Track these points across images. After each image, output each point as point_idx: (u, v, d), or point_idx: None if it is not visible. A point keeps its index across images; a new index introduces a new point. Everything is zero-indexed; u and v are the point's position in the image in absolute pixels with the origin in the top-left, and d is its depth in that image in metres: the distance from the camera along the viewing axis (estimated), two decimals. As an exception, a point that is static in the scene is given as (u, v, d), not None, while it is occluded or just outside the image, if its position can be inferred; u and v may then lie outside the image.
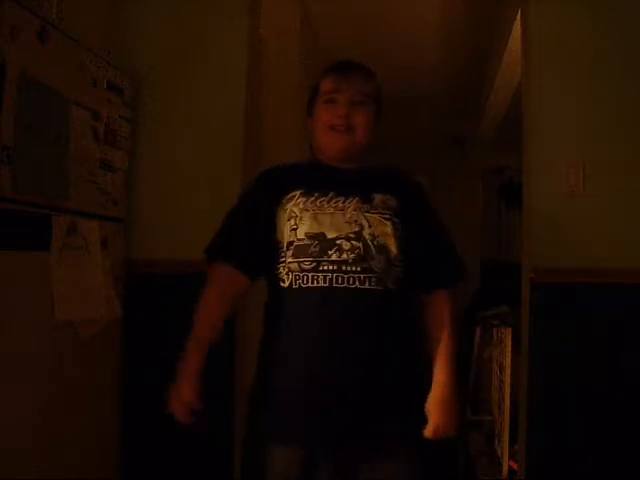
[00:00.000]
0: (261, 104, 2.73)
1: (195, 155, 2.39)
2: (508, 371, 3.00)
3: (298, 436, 1.35)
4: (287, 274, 1.38)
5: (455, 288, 1.49)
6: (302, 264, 1.36)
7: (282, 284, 1.39)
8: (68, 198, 1.94)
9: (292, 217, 1.40)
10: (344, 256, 1.35)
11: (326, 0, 3.77)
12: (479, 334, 3.70)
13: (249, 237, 1.47)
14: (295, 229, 1.39)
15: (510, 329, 3.08)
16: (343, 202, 1.41)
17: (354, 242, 1.36)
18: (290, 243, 1.38)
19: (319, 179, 1.47)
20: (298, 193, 1.43)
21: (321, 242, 1.36)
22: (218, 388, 2.27)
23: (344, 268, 1.34)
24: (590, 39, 2.30)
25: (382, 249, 1.37)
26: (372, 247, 1.36)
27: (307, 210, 1.40)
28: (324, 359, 1.34)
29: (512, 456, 2.82)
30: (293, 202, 1.42)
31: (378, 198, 1.43)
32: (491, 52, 4.34)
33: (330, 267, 1.34)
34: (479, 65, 4.72)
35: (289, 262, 1.38)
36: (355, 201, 1.41)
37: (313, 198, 1.41)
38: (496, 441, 3.16)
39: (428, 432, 1.36)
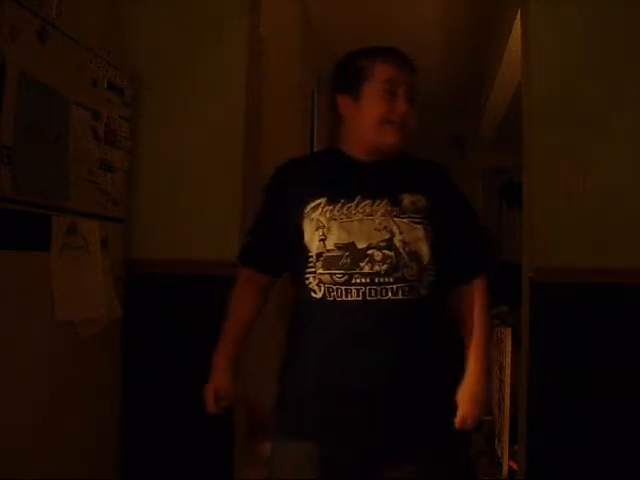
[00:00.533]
0: (261, 104, 2.74)
1: (195, 155, 2.39)
2: (508, 371, 3.00)
3: (322, 436, 1.36)
4: (318, 285, 1.36)
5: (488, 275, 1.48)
6: (334, 276, 1.34)
7: (314, 295, 1.37)
8: (68, 198, 1.94)
9: (320, 227, 1.36)
10: (376, 267, 1.32)
11: (326, 0, 3.77)
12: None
13: (274, 242, 1.47)
14: (324, 240, 1.36)
15: (510, 329, 3.08)
16: (371, 205, 1.36)
17: (386, 251, 1.33)
18: (320, 254, 1.36)
19: (344, 180, 1.42)
20: (323, 201, 1.38)
21: (352, 253, 1.33)
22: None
23: (377, 280, 1.32)
24: (590, 39, 2.29)
25: (414, 256, 1.35)
26: (404, 255, 1.33)
27: (334, 219, 1.36)
28: (354, 368, 1.34)
29: (512, 456, 2.82)
30: (319, 211, 1.37)
31: (407, 200, 1.38)
32: (491, 52, 4.34)
33: (363, 280, 1.32)
34: (479, 65, 4.72)
35: (320, 273, 1.35)
36: (383, 204, 1.37)
37: (340, 205, 1.37)
38: (496, 441, 3.16)
39: (457, 422, 1.37)
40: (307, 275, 1.38)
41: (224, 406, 1.48)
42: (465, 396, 1.39)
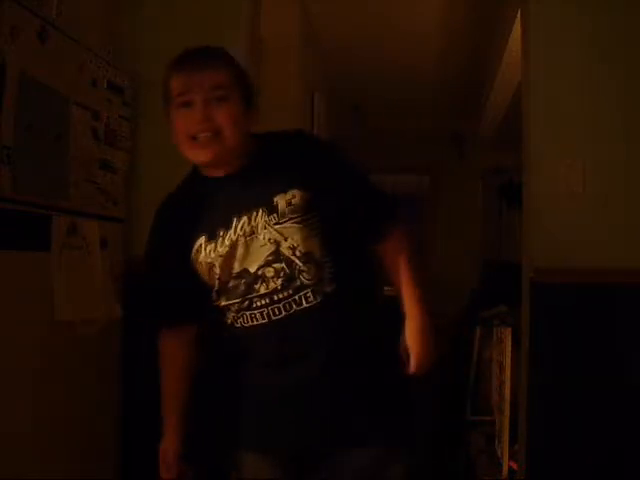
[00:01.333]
0: (261, 104, 2.73)
1: (195, 155, 2.39)
2: (508, 371, 3.00)
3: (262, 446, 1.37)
4: (227, 313, 1.34)
5: (397, 223, 1.40)
6: (236, 305, 1.31)
7: (226, 319, 1.35)
8: (68, 198, 1.94)
9: (211, 267, 1.31)
10: (271, 285, 1.27)
11: (326, 0, 3.77)
12: (479, 334, 3.70)
13: (179, 291, 1.40)
14: (219, 277, 1.32)
15: (510, 329, 3.08)
16: (249, 222, 1.28)
17: (276, 265, 1.27)
18: (218, 290, 1.33)
19: (213, 206, 1.33)
20: (203, 240, 1.32)
21: (246, 279, 1.29)
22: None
23: (276, 297, 1.27)
24: (590, 39, 2.29)
25: (307, 257, 1.27)
26: (297, 261, 1.27)
27: (221, 255, 1.30)
28: (277, 386, 1.33)
29: (512, 456, 2.82)
30: (203, 254, 1.32)
31: (282, 202, 1.28)
32: (491, 52, 4.34)
33: (262, 302, 1.28)
34: (479, 65, 4.72)
35: (224, 304, 1.33)
36: (260, 215, 1.28)
37: (220, 239, 1.30)
38: (496, 441, 3.15)
39: (412, 367, 1.34)
40: (215, 304, 1.36)
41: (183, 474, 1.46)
42: (413, 340, 1.35)
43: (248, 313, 1.31)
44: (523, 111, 2.42)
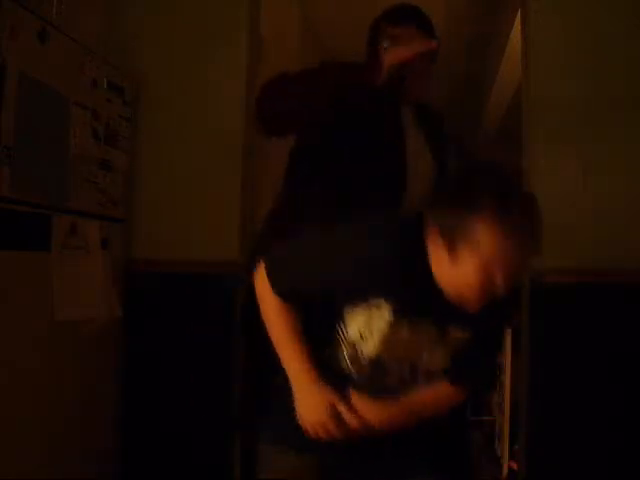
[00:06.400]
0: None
1: (195, 155, 2.39)
2: (508, 371, 3.00)
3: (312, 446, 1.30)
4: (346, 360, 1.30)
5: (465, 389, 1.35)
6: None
7: (341, 361, 1.30)
8: (68, 198, 1.94)
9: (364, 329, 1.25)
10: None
11: (326, 0, 3.78)
12: (479, 334, 3.70)
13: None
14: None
15: (510, 330, 3.08)
16: (416, 331, 1.24)
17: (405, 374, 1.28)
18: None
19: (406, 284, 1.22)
20: (384, 305, 1.22)
21: (374, 368, 1.27)
22: (219, 396, 2.28)
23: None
24: (590, 38, 2.29)
25: (429, 374, 1.29)
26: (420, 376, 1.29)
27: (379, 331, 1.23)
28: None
29: (512, 456, 2.82)
30: (378, 314, 1.23)
31: (452, 334, 1.26)
32: (491, 52, 4.34)
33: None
34: (479, 65, 4.73)
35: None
36: (428, 332, 1.25)
37: (397, 318, 1.22)
38: (496, 441, 3.16)
39: None
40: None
41: None
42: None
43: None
44: (523, 111, 2.42)
